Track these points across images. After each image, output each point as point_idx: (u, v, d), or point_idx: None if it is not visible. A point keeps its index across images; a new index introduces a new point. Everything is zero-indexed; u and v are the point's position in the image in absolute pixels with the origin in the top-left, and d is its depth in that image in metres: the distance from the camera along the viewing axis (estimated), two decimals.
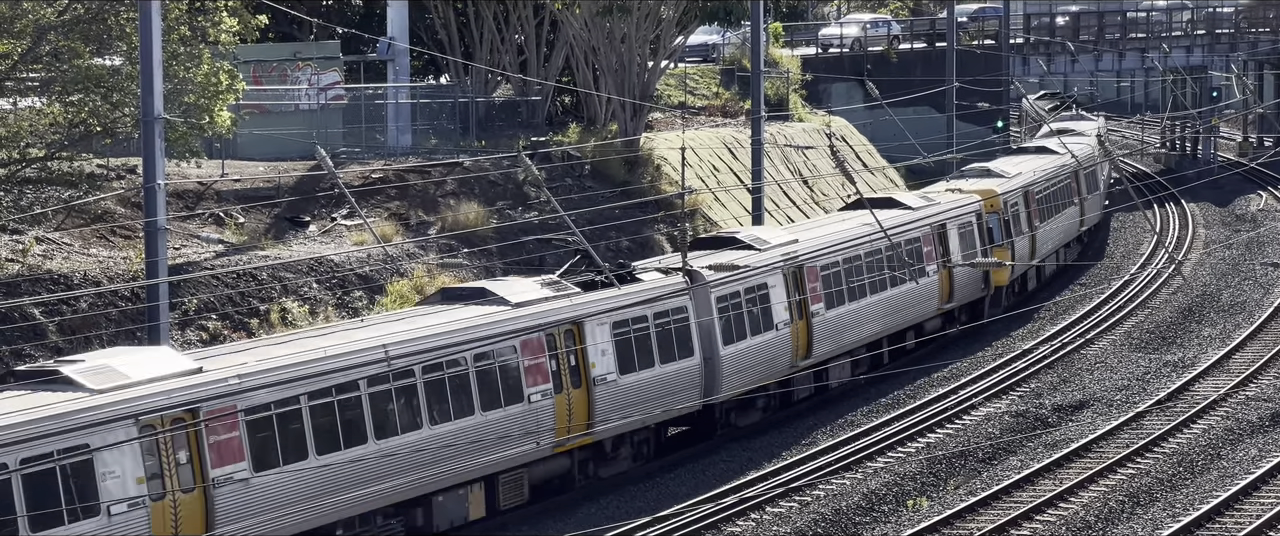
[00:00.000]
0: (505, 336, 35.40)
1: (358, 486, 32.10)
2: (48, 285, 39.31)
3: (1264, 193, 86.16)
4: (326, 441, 31.55)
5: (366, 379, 32.33)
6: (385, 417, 32.75)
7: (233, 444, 30.03)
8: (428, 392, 33.67)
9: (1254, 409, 43.76)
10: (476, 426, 34.67)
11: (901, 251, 49.70)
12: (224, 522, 29.70)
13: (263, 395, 30.43)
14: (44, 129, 41.01)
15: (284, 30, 62.45)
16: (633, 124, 59.07)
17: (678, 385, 40.60)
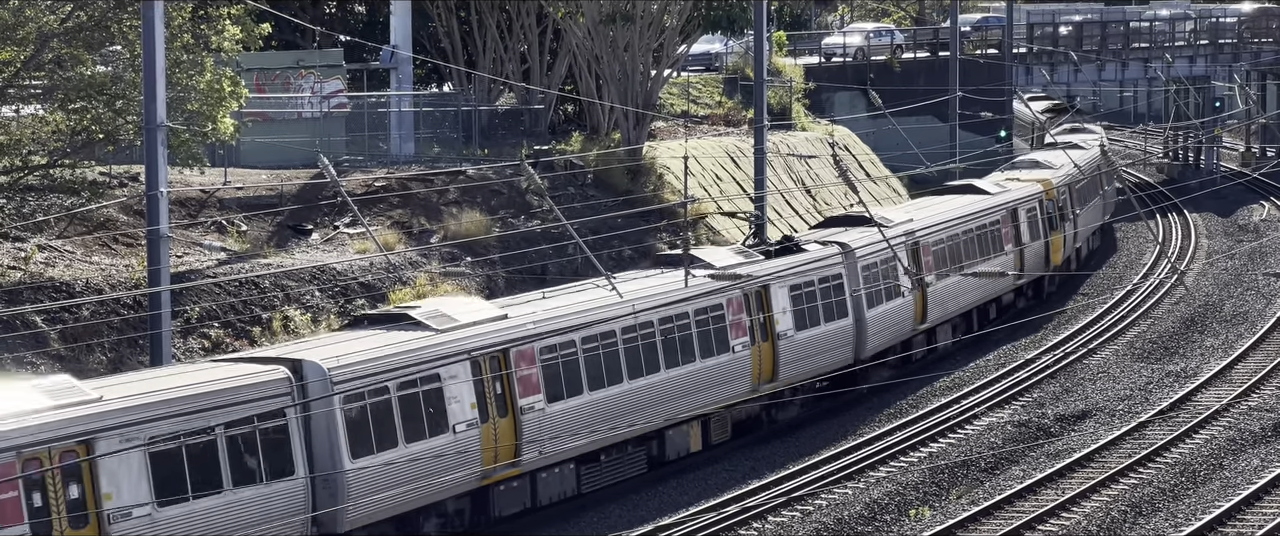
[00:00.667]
0: (717, 293, 41.93)
1: (616, 418, 38.63)
2: (50, 293, 39.31)
3: (1267, 203, 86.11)
4: (595, 380, 38.03)
5: (620, 329, 38.82)
6: (635, 361, 39.13)
7: (532, 379, 36.28)
8: (663, 342, 40.00)
9: (1256, 419, 43.73)
10: (697, 371, 41.09)
11: (989, 231, 55.81)
12: (527, 444, 35.89)
13: (553, 339, 36.88)
14: (46, 136, 41.02)
15: (287, 38, 62.48)
16: (635, 133, 59.07)
17: (836, 342, 46.64)
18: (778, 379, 43.91)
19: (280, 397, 31.07)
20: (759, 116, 55.07)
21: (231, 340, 41.25)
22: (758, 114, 55.21)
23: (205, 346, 40.68)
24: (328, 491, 31.91)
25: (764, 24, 55.50)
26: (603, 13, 57.92)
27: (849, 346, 47.14)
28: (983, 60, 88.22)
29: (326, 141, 54.27)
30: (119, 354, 38.71)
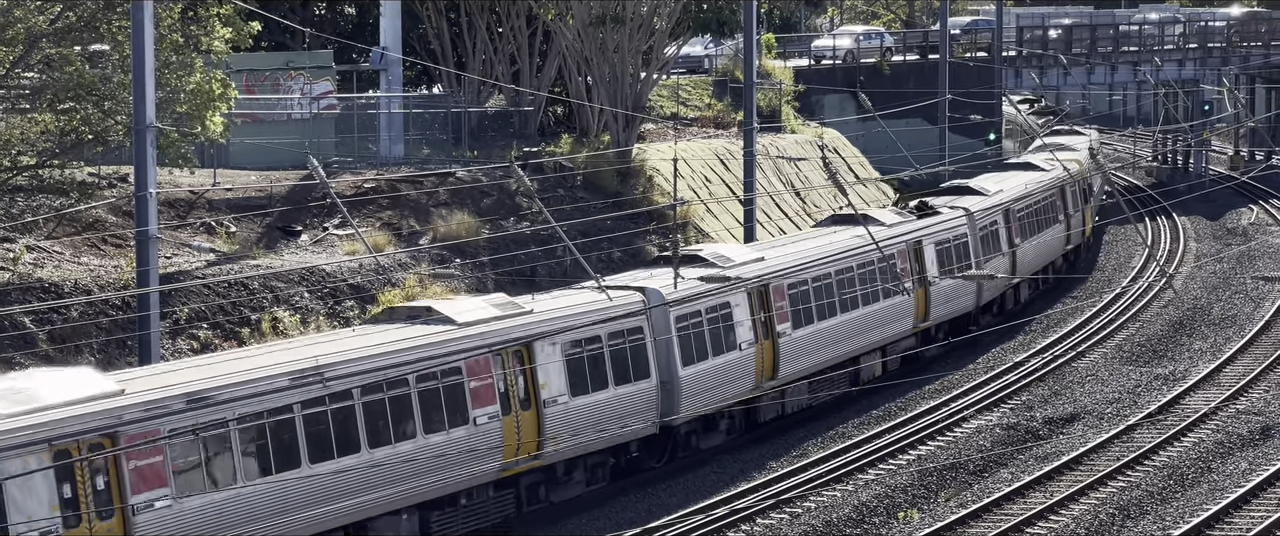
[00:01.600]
0: (890, 244, 51.07)
1: (834, 346, 47.57)
2: (38, 293, 39.26)
3: (1255, 206, 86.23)
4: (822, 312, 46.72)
5: (833, 271, 47.92)
6: (835, 301, 47.80)
7: (784, 310, 45.18)
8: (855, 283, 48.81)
9: (1244, 422, 43.78)
10: (877, 311, 49.95)
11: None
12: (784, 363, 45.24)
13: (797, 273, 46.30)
14: (35, 137, 40.97)
15: (277, 39, 62.46)
16: (625, 135, 59.07)
17: (965, 291, 56.24)
18: (929, 318, 53.53)
19: (638, 316, 40.19)
20: (748, 119, 55.10)
21: (220, 341, 41.22)
22: (747, 116, 55.24)
23: (194, 348, 40.65)
24: (667, 391, 40.98)
25: (753, 26, 55.55)
26: (592, 14, 57.92)
27: (971, 296, 57.10)
28: (972, 63, 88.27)
29: (316, 143, 54.24)
30: (107, 355, 38.67)
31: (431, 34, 64.73)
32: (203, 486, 30.12)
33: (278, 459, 31.42)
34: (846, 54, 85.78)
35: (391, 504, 34.03)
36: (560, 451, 37.78)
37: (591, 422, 38.76)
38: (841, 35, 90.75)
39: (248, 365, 31.92)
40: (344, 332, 37.37)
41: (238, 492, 30.69)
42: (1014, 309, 62.39)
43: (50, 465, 27.36)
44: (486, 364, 36.02)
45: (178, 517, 29.59)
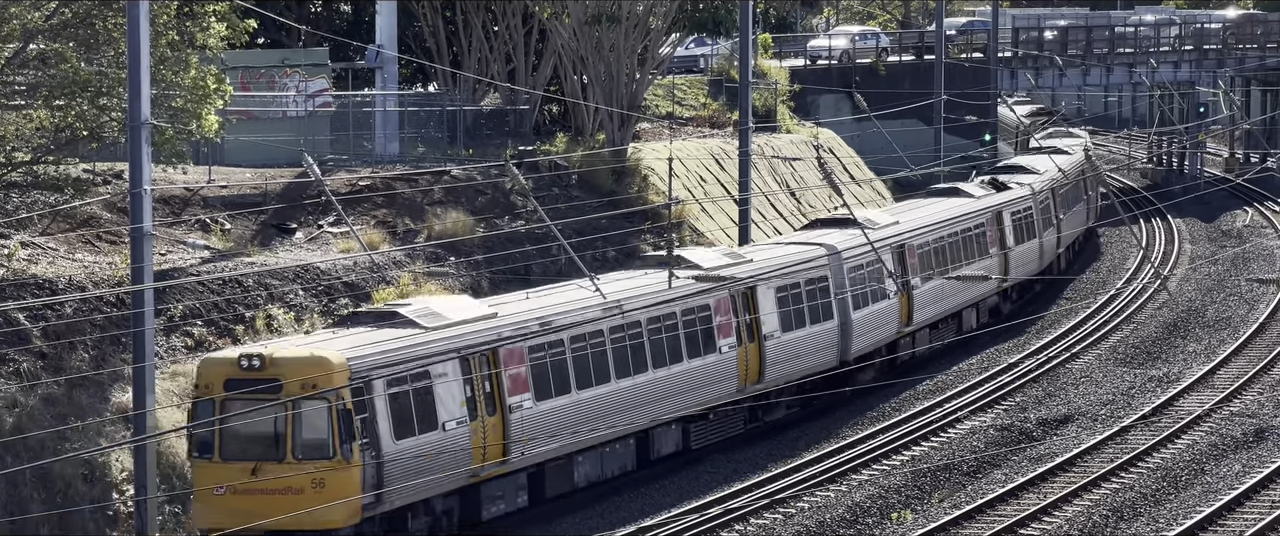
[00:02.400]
0: (981, 215, 58.89)
1: (944, 301, 55.00)
2: (32, 290, 39.22)
3: (1250, 209, 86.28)
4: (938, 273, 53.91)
5: (946, 235, 55.73)
6: (955, 255, 55.65)
7: (916, 266, 52.69)
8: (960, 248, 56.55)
9: (1238, 424, 43.80)
10: (984, 264, 57.40)
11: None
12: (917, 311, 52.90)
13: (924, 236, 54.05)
14: (30, 133, 40.93)
15: (272, 37, 62.41)
16: (620, 134, 59.04)
17: (1032, 256, 63.66)
18: (1008, 274, 60.33)
19: (824, 267, 47.50)
20: (744, 118, 55.08)
21: (215, 339, 41.19)
22: (743, 116, 55.21)
23: (188, 345, 40.62)
24: (844, 332, 47.89)
25: (749, 26, 55.52)
26: (588, 13, 57.88)
27: (1036, 261, 64.71)
28: (968, 64, 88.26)
29: (311, 140, 54.18)
30: (101, 351, 38.65)
31: (427, 32, 64.68)
32: (550, 393, 37.35)
33: (596, 374, 38.68)
34: (842, 54, 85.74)
35: (665, 415, 41.25)
36: (774, 379, 45.11)
37: (794, 356, 45.78)
38: (837, 35, 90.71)
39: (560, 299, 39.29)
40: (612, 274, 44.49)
41: (574, 399, 37.99)
42: (1065, 268, 70.92)
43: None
44: (727, 303, 43.38)
45: (535, 417, 36.86)
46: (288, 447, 32.72)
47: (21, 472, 34.72)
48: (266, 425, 32.93)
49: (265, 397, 32.39)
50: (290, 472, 32.64)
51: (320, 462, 32.61)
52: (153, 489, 35.15)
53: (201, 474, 33.49)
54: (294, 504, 32.24)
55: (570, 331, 37.93)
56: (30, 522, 34.75)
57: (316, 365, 32.69)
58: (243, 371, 32.93)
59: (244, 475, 32.78)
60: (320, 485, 32.59)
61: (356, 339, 34.43)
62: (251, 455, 33.05)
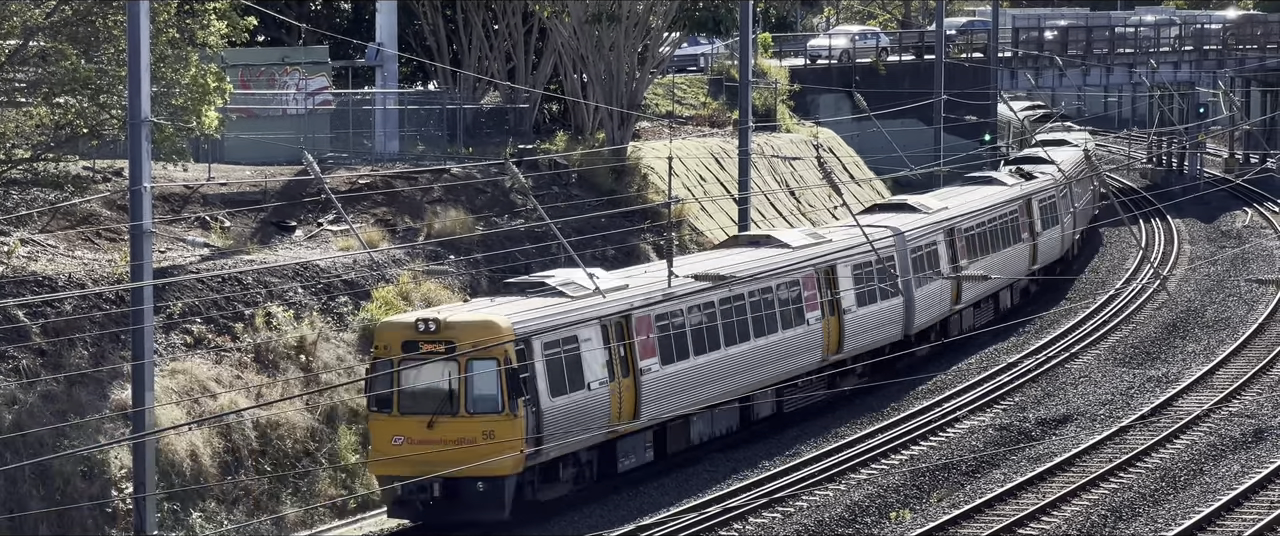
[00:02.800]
0: (1015, 202, 62.46)
1: (1001, 269, 58.72)
2: (32, 287, 39.23)
3: (1249, 209, 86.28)
4: (981, 253, 57.85)
5: (986, 220, 59.42)
6: (995, 239, 59.76)
7: (964, 249, 56.74)
8: (998, 233, 60.27)
9: (1237, 425, 43.81)
10: (1017, 248, 62.21)
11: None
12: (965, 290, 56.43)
13: (971, 221, 58.06)
14: (30, 130, 40.93)
15: (273, 35, 62.41)
16: (620, 133, 59.04)
17: (1056, 242, 67.44)
18: (1037, 262, 65.18)
19: (892, 246, 51.34)
20: (744, 118, 55.07)
21: (214, 336, 41.20)
22: (742, 115, 55.21)
23: (187, 343, 40.63)
24: (908, 307, 51.69)
25: (749, 25, 55.49)
26: (588, 12, 57.87)
27: (1060, 246, 68.68)
28: (968, 64, 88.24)
29: (311, 138, 54.16)
30: (100, 348, 38.66)
31: (427, 30, 64.68)
32: (672, 358, 40.84)
33: (709, 342, 42.11)
34: (842, 54, 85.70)
35: (763, 382, 44.75)
36: (851, 350, 48.58)
37: (868, 329, 49.28)
38: (837, 35, 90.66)
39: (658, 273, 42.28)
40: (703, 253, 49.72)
41: (691, 364, 41.53)
42: (1078, 255, 74.70)
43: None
44: (813, 279, 46.77)
45: (659, 380, 40.28)
46: (461, 402, 36.30)
47: (21, 469, 34.75)
48: (441, 382, 36.45)
49: (442, 358, 36.15)
50: (463, 425, 36.22)
51: (490, 416, 36.18)
52: (151, 486, 35.19)
53: (379, 427, 36.98)
54: (466, 453, 35.51)
55: (687, 302, 41.71)
56: (29, 519, 34.77)
57: (487, 328, 36.35)
58: (419, 334, 36.47)
59: (420, 428, 36.35)
60: (490, 436, 36.14)
61: (512, 306, 37.94)
62: (427, 409, 36.47)
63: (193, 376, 39.65)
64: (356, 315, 44.34)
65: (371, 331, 43.85)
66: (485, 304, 38.63)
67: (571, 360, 37.95)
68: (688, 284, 41.44)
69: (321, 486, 40.05)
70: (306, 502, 39.40)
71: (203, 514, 37.33)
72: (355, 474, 40.83)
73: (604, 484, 39.94)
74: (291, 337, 42.36)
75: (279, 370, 41.62)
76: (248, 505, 38.46)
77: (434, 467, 35.77)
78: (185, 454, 37.73)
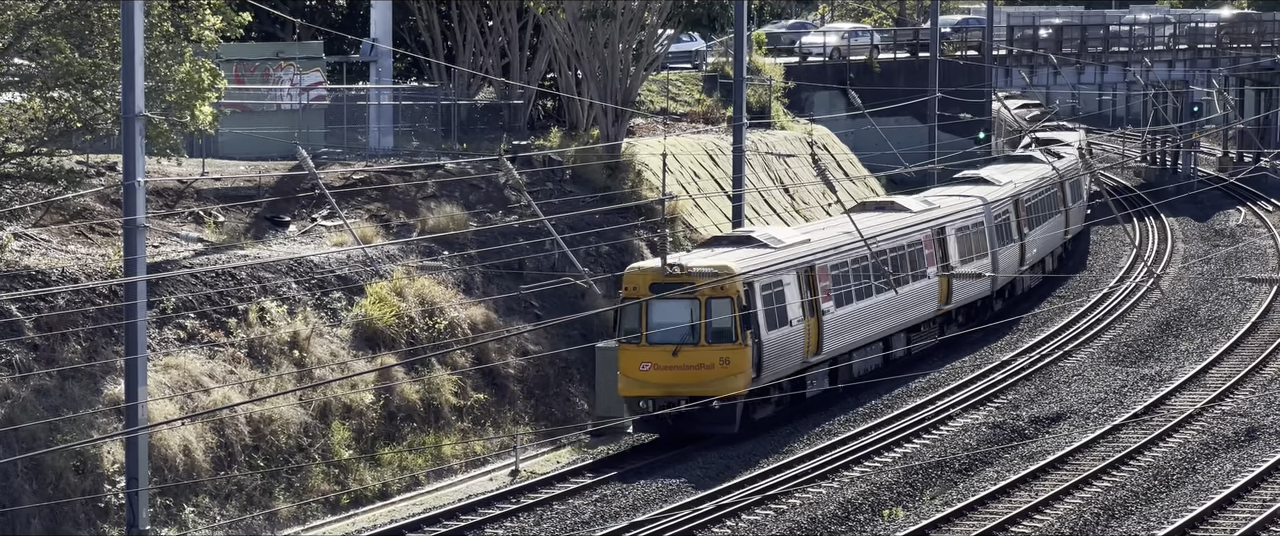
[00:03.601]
0: (1053, 178, 68.41)
1: (1047, 243, 67.01)
2: (25, 281, 39.19)
3: (1243, 208, 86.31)
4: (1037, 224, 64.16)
5: (1033, 192, 65.13)
6: (1042, 210, 65.57)
7: (1025, 219, 63.06)
8: (1043, 204, 65.89)
9: (1230, 423, 43.83)
10: (1056, 218, 67.94)
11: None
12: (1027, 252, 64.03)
13: (1027, 194, 63.52)
14: (24, 124, 40.89)
15: (267, 30, 62.36)
16: (614, 129, 59.03)
17: (1080, 213, 74.76)
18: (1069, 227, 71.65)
19: (980, 213, 58.23)
20: (738, 114, 55.07)
21: (208, 330, 41.17)
22: (737, 112, 55.20)
23: (180, 337, 40.60)
24: (994, 267, 58.31)
25: (744, 22, 55.47)
26: (583, 8, 57.86)
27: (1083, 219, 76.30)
28: (963, 61, 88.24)
29: (305, 133, 54.17)
30: (94, 343, 38.64)
31: (422, 26, 64.66)
32: (841, 303, 47.72)
33: (859, 291, 48.91)
34: (832, 51, 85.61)
35: (898, 326, 52.24)
36: (956, 303, 56.39)
37: (966, 285, 56.36)
38: (829, 32, 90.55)
39: (836, 231, 50.03)
40: (834, 219, 56.46)
41: (854, 308, 48.53)
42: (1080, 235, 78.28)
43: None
44: (930, 239, 54.15)
45: (835, 320, 47.40)
46: (701, 334, 42.83)
47: (13, 464, 34.72)
48: (684, 317, 42.95)
49: (685, 297, 42.66)
50: (703, 353, 42.99)
51: (726, 346, 43.01)
52: (144, 481, 35.18)
53: (628, 355, 43.27)
54: (705, 376, 42.87)
55: (851, 254, 48.76)
56: (22, 514, 34.74)
57: (723, 272, 43.16)
58: (666, 277, 43.01)
59: (665, 355, 42.90)
60: (726, 362, 43.00)
61: (733, 255, 44.71)
62: (671, 340, 43.01)
63: (186, 371, 39.63)
64: (350, 311, 44.34)
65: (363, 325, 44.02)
66: (707, 253, 45.46)
67: (779, 301, 44.83)
68: (850, 239, 48.38)
69: (314, 481, 40.05)
70: (299, 498, 39.40)
71: (196, 509, 37.33)
72: (348, 469, 40.84)
73: (796, 407, 46.66)
74: (285, 333, 42.35)
75: (272, 365, 41.60)
76: (241, 500, 38.45)
77: (678, 389, 42.69)
78: (178, 449, 37.71)
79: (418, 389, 43.84)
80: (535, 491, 39.89)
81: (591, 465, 42.23)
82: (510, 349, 47.12)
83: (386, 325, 44.46)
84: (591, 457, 43.14)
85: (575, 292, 50.18)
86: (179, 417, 37.77)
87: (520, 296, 48.73)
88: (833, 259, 47.88)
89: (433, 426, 43.64)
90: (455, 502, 39.03)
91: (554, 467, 42.42)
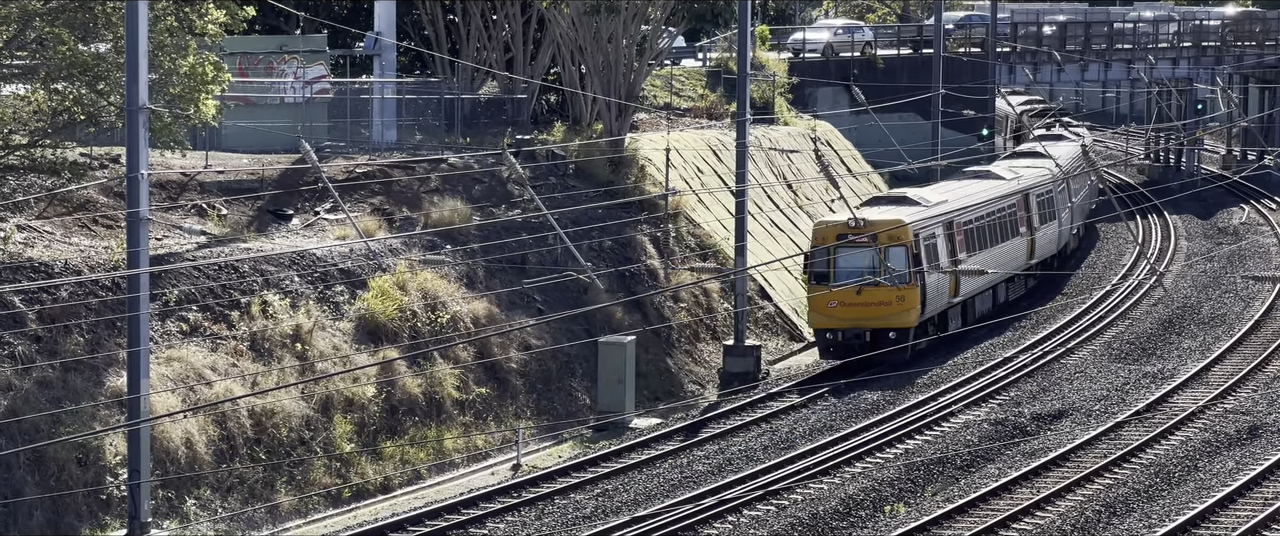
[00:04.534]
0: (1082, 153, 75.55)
1: (1088, 209, 78.00)
2: (28, 273, 39.21)
3: (1246, 206, 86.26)
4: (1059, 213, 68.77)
5: (1077, 162, 74.19)
6: (1082, 180, 73.82)
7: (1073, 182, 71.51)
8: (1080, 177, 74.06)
9: (1232, 421, 43.82)
10: (1089, 189, 75.16)
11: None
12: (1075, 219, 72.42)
13: (1072, 165, 71.14)
14: (28, 116, 40.89)
15: (271, 23, 62.38)
16: (618, 124, 59.03)
17: (1093, 193, 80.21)
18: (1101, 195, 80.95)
19: (1049, 182, 65.94)
20: (742, 110, 55.04)
21: (210, 323, 41.19)
22: (740, 107, 55.19)
23: (183, 330, 40.61)
24: (1060, 231, 66.88)
25: (748, 18, 55.43)
26: (587, 3, 57.85)
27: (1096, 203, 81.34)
28: (966, 58, 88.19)
29: (309, 127, 54.18)
30: (96, 335, 38.65)
31: (425, 20, 64.66)
32: (970, 253, 56.25)
33: (982, 244, 57.43)
34: (825, 47, 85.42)
35: (1004, 277, 60.53)
36: (1037, 258, 64.25)
37: (1045, 243, 65.03)
38: (820, 28, 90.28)
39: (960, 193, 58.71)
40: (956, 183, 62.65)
41: (976, 259, 56.49)
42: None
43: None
44: (1021, 203, 61.82)
45: (966, 267, 55.60)
46: (881, 275, 51.25)
47: (16, 455, 34.75)
48: (867, 262, 51.51)
49: (868, 244, 51.35)
50: (883, 292, 51.48)
51: (901, 285, 51.57)
52: (146, 473, 35.18)
53: (817, 295, 51.82)
54: (883, 311, 51.68)
55: (975, 213, 57.56)
56: (24, 505, 34.77)
57: (898, 224, 51.78)
58: (850, 229, 51.63)
59: (850, 294, 51.32)
60: (901, 299, 51.69)
61: (898, 211, 53.37)
62: (856, 281, 51.40)
63: (188, 364, 39.65)
64: (353, 304, 44.35)
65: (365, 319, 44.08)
66: (877, 210, 53.92)
67: (932, 250, 53.27)
68: (973, 201, 57.73)
69: (316, 475, 40.06)
70: (301, 491, 39.42)
71: (197, 501, 37.35)
72: (350, 462, 40.85)
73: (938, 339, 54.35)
74: (287, 326, 42.36)
75: (275, 358, 41.62)
76: (242, 493, 38.47)
77: (862, 322, 51.44)
78: (180, 441, 37.73)
79: (420, 382, 43.85)
80: (537, 485, 39.89)
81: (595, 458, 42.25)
82: (512, 343, 47.12)
83: (389, 319, 44.47)
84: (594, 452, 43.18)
85: (578, 287, 50.18)
86: (181, 410, 37.78)
87: (523, 291, 48.74)
88: (965, 217, 56.51)
89: (434, 420, 43.65)
90: (457, 496, 39.05)
91: (556, 462, 42.41)
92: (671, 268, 54.47)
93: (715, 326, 54.60)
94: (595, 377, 47.20)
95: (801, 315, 57.76)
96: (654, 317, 52.42)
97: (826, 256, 51.43)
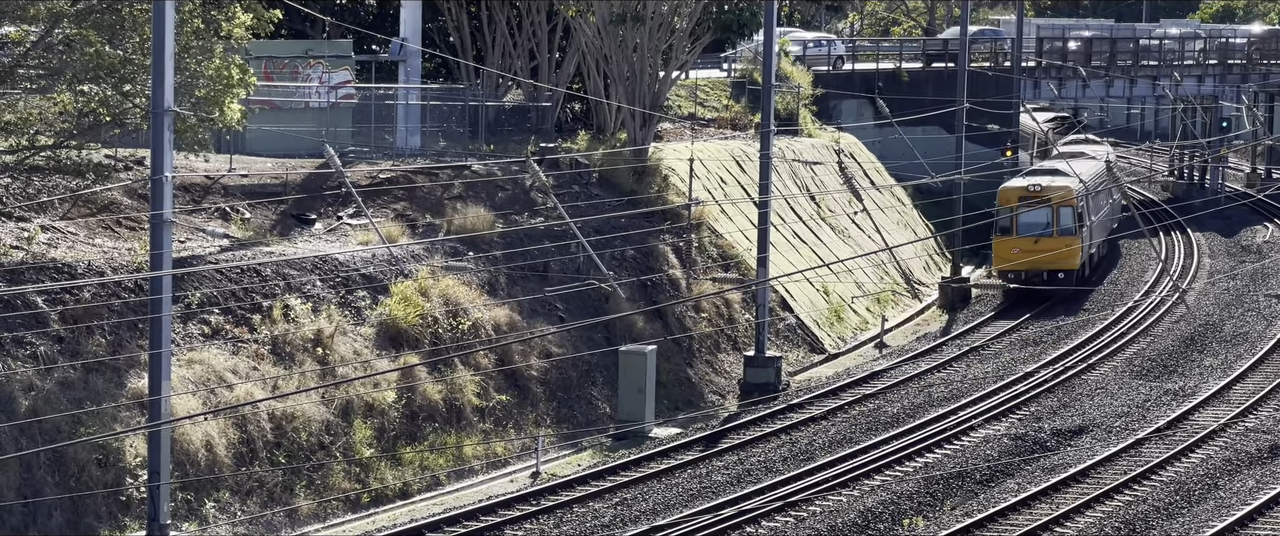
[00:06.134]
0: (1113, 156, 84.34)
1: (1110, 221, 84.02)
2: (51, 273, 39.30)
3: (1270, 224, 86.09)
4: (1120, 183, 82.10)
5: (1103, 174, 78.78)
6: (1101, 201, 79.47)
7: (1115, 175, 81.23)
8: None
9: (1253, 440, 43.72)
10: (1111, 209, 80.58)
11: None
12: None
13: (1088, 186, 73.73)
14: (53, 117, 40.99)
15: (297, 28, 62.48)
16: (642, 133, 59.03)
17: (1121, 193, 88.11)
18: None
19: (1111, 166, 75.95)
20: (766, 121, 55.02)
21: (232, 326, 41.25)
22: (765, 119, 55.16)
23: (204, 332, 40.68)
24: (1112, 211, 76.96)
25: (773, 28, 55.43)
26: (613, 13, 57.88)
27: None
28: (991, 72, 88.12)
29: (333, 132, 54.26)
30: (118, 337, 38.72)
31: (451, 26, 64.73)
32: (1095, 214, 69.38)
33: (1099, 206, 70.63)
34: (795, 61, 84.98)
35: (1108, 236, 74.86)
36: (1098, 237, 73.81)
37: (1100, 226, 73.42)
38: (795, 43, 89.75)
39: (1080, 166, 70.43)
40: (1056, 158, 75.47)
41: (1096, 219, 69.36)
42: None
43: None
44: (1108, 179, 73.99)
45: (1095, 225, 68.74)
46: (1054, 229, 65.30)
47: (36, 456, 34.82)
48: (1043, 218, 65.31)
49: (1045, 205, 65.03)
50: (1055, 242, 65.29)
51: (1069, 237, 65.37)
52: (166, 475, 35.23)
53: (1002, 244, 65.96)
54: (1056, 257, 65.33)
55: (1096, 182, 70.16)
56: (44, 506, 34.84)
57: (1067, 189, 65.71)
58: (1030, 192, 65.66)
59: (1029, 243, 64.93)
60: (1070, 247, 65.24)
61: (1061, 180, 66.72)
62: (1034, 233, 65.25)
63: (209, 366, 39.71)
64: (374, 310, 44.40)
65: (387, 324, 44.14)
66: (1043, 178, 67.20)
67: (1084, 211, 66.10)
68: (1093, 171, 71.24)
69: (335, 479, 40.10)
70: (320, 495, 39.46)
71: (216, 504, 37.40)
72: (369, 467, 40.89)
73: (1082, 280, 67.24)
74: (308, 330, 42.41)
75: (295, 362, 41.66)
76: (261, 496, 38.51)
77: (1039, 266, 64.70)
78: (200, 444, 37.78)
79: (440, 389, 43.88)
80: (556, 494, 39.91)
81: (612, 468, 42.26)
82: (533, 350, 47.14)
83: (410, 325, 44.51)
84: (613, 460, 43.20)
85: (599, 296, 50.20)
86: (201, 413, 37.84)
87: (544, 298, 48.76)
88: (1094, 185, 69.65)
89: (454, 426, 43.68)
90: (476, 503, 39.08)
91: (575, 470, 42.42)
92: (693, 278, 54.44)
93: (736, 337, 54.58)
94: (615, 386, 47.21)
95: (823, 327, 57.71)
96: (675, 327, 52.41)
97: (1011, 214, 65.16)
